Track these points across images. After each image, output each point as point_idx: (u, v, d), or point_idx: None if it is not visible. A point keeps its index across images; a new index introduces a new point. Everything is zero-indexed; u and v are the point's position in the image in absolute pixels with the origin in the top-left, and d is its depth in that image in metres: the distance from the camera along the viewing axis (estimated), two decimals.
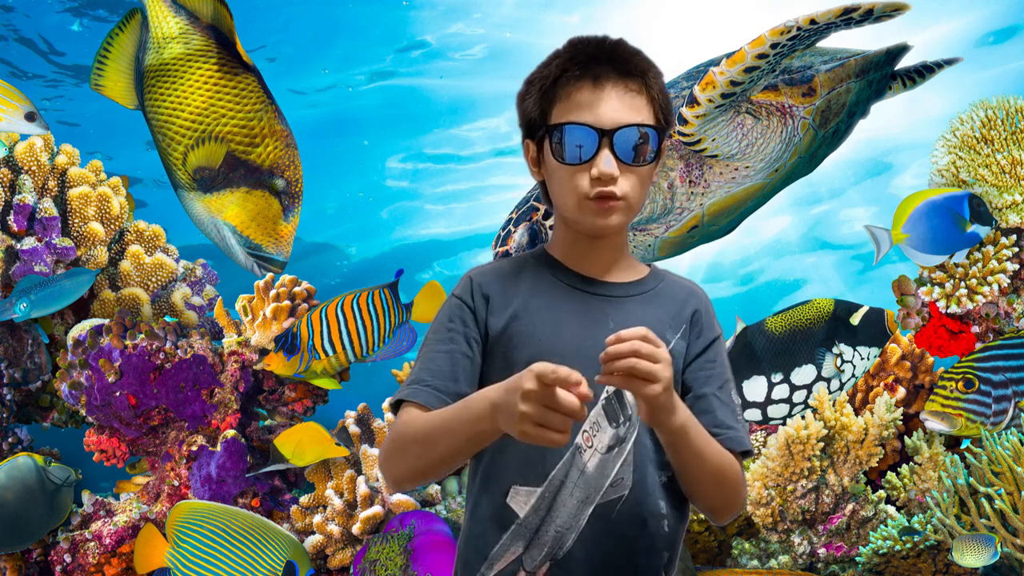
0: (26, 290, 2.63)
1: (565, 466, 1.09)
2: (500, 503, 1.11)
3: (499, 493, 1.11)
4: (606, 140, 1.09)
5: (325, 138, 8.59)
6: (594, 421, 1.10)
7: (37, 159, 2.91)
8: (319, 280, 3.16)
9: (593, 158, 1.09)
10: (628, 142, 1.09)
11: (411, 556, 2.29)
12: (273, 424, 2.94)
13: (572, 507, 1.09)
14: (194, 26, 2.22)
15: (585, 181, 1.10)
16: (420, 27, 7.75)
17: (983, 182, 2.47)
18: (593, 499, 1.09)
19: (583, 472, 1.09)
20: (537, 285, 1.18)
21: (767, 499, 2.61)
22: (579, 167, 1.10)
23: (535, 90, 1.14)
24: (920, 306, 2.55)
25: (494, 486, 1.12)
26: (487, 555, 1.11)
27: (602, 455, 1.09)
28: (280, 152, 2.22)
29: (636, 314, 1.15)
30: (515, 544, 1.10)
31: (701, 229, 2.50)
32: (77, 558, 2.66)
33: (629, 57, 1.12)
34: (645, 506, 1.10)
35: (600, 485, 1.09)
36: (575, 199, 1.12)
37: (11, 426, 2.93)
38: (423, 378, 1.13)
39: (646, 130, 1.11)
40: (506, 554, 1.11)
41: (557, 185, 1.14)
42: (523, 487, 1.10)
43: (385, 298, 2.67)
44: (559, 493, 1.09)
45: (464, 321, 1.16)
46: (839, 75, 2.40)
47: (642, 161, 1.11)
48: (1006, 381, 2.19)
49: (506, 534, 1.11)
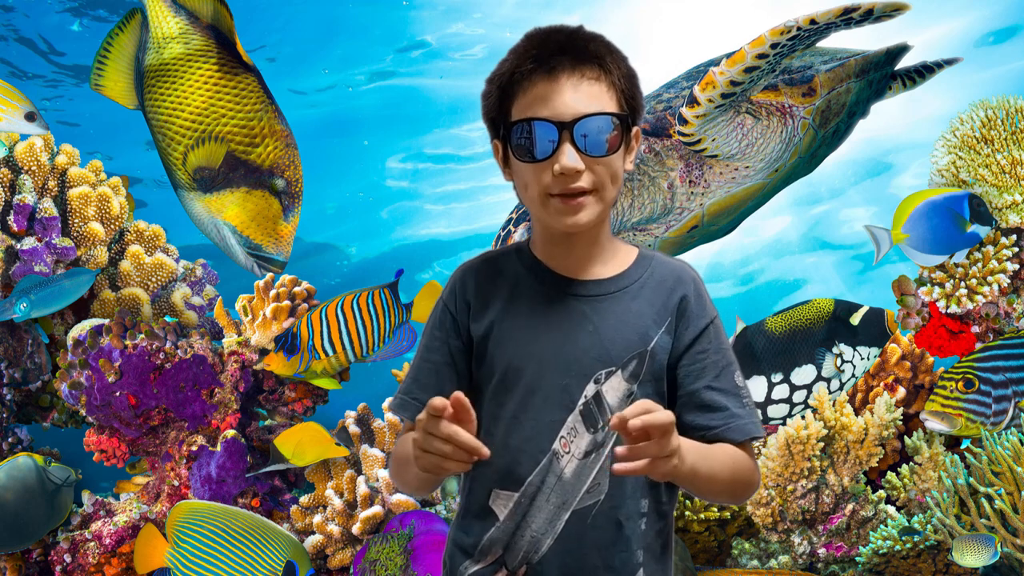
0: (26, 290, 2.63)
1: (542, 472, 1.09)
2: (483, 504, 1.13)
3: (482, 495, 1.13)
4: (566, 133, 1.03)
5: (325, 138, 8.59)
6: (571, 427, 1.09)
7: (37, 159, 2.91)
8: (319, 280, 3.15)
9: (554, 153, 1.04)
10: (590, 132, 1.04)
11: (411, 556, 2.29)
12: (273, 424, 2.94)
13: (548, 512, 1.09)
14: (194, 26, 2.22)
15: (548, 178, 1.05)
16: (420, 27, 7.75)
17: (983, 182, 2.47)
18: (570, 504, 1.09)
19: (560, 477, 1.09)
20: (517, 287, 1.15)
21: (767, 499, 2.61)
22: (541, 164, 1.05)
23: (494, 88, 1.10)
24: (920, 306, 2.55)
25: (478, 488, 1.14)
26: (471, 554, 1.14)
27: (579, 460, 1.09)
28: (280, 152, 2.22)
29: (615, 313, 1.12)
30: (495, 545, 1.12)
31: (701, 229, 2.50)
32: (77, 558, 2.66)
33: (584, 44, 1.07)
34: (622, 509, 1.10)
35: (577, 490, 1.09)
36: (540, 198, 1.07)
37: (11, 426, 2.93)
38: (412, 390, 1.17)
39: (607, 118, 1.05)
40: (488, 555, 1.13)
41: (522, 185, 1.10)
42: (503, 491, 1.11)
43: (385, 298, 2.67)
44: (535, 498, 1.10)
45: (447, 330, 1.17)
46: (839, 75, 2.40)
47: (608, 151, 1.05)
48: (1006, 381, 2.19)
49: (485, 536, 1.13)
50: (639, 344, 1.10)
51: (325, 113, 8.36)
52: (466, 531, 1.15)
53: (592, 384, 1.09)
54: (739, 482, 1.11)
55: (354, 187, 9.80)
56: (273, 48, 7.43)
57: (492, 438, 1.11)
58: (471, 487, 1.16)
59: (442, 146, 9.30)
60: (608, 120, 1.05)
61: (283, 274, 2.79)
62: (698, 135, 2.28)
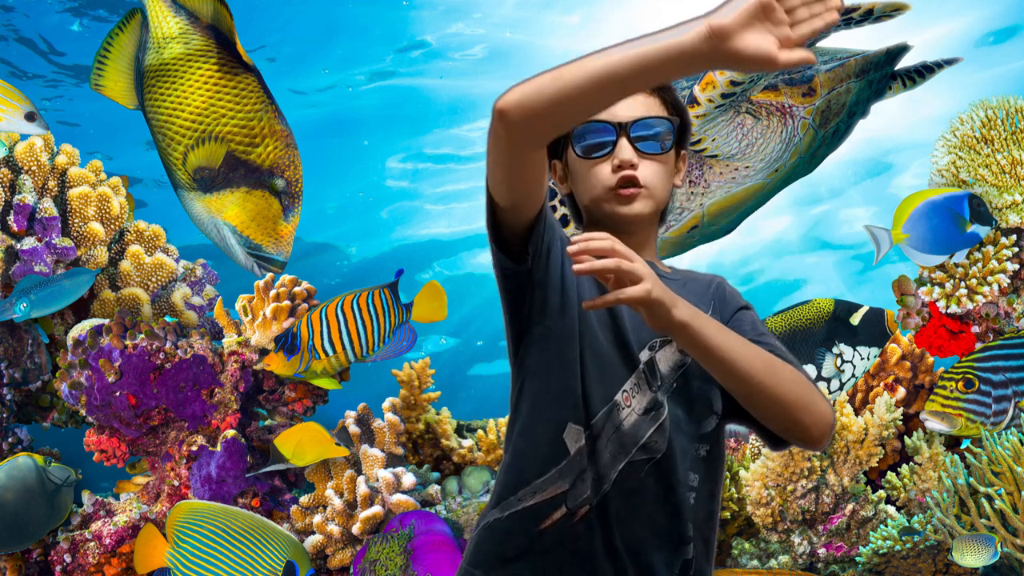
0: (26, 290, 2.62)
1: (603, 418, 1.12)
2: (551, 437, 1.13)
3: (552, 426, 1.13)
4: (623, 132, 1.18)
5: (325, 138, 8.59)
6: (635, 383, 1.14)
7: (37, 159, 2.91)
8: (319, 280, 3.15)
9: (613, 150, 1.18)
10: (644, 132, 1.18)
11: (411, 556, 2.29)
12: (273, 424, 2.94)
13: (607, 459, 1.12)
14: (194, 26, 2.22)
15: (607, 171, 1.19)
16: (420, 27, 7.75)
17: (983, 182, 2.47)
18: (625, 454, 1.12)
19: (618, 428, 1.12)
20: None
21: (767, 499, 2.61)
22: (600, 160, 1.19)
23: None
24: (920, 306, 2.55)
25: (548, 419, 1.14)
26: (530, 480, 1.13)
27: (638, 416, 1.13)
28: (280, 152, 2.22)
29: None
30: (562, 479, 1.12)
31: (701, 229, 2.50)
32: (77, 558, 2.66)
33: None
34: (674, 474, 1.12)
35: (633, 444, 1.12)
36: (599, 191, 1.19)
37: (11, 426, 2.93)
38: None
39: (659, 119, 1.19)
40: (551, 487, 1.12)
41: (582, 183, 1.22)
42: (575, 425, 1.13)
43: (385, 298, 2.67)
44: (596, 442, 1.12)
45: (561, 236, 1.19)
46: (839, 75, 2.40)
47: (660, 149, 1.19)
48: (1006, 381, 2.19)
49: (555, 467, 1.12)
50: None
51: (325, 113, 8.36)
52: (530, 458, 1.14)
53: (647, 351, 1.16)
54: (779, 375, 1.06)
55: (354, 187, 9.80)
56: (273, 48, 7.43)
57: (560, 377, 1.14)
58: (539, 417, 1.15)
59: (442, 146, 9.30)
60: (660, 122, 1.20)
61: (283, 274, 2.78)
62: (698, 135, 2.28)
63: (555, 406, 1.14)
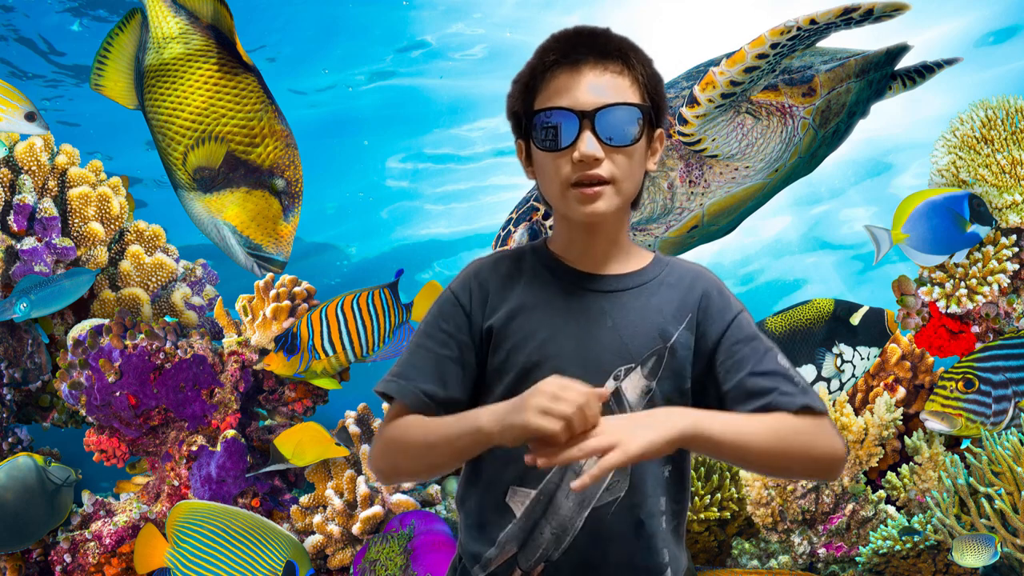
0: (26, 290, 2.63)
1: (561, 469, 1.08)
2: (498, 501, 1.10)
3: (498, 492, 1.10)
4: (586, 122, 1.03)
5: (325, 138, 8.59)
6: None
7: (37, 159, 2.91)
8: (319, 280, 3.16)
9: (575, 142, 1.04)
10: (611, 122, 1.04)
11: (411, 556, 2.29)
12: (273, 424, 2.94)
13: (568, 510, 1.08)
14: (194, 26, 2.22)
15: (568, 167, 1.05)
16: (420, 27, 7.75)
17: (983, 182, 2.47)
18: (589, 502, 1.07)
19: (579, 474, 1.06)
20: (533, 283, 1.13)
21: (767, 499, 2.61)
22: (561, 153, 1.05)
23: (518, 84, 1.11)
24: (920, 306, 2.55)
25: (493, 487, 1.11)
26: (483, 552, 1.11)
27: (599, 457, 1.08)
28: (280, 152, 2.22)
29: (635, 309, 1.10)
30: (510, 544, 1.09)
31: (701, 229, 2.50)
32: (77, 558, 2.66)
33: (608, 39, 1.09)
34: (643, 507, 1.08)
35: (597, 488, 1.07)
36: (559, 187, 1.06)
37: (11, 426, 2.93)
38: (410, 375, 1.11)
39: (629, 108, 1.05)
40: (501, 552, 1.10)
41: (542, 176, 1.09)
42: (521, 488, 1.09)
43: (385, 298, 2.67)
44: (555, 496, 1.08)
45: (456, 324, 1.12)
46: (839, 75, 2.40)
47: (628, 141, 1.05)
48: (1006, 381, 2.19)
49: (502, 533, 1.10)
50: (658, 340, 1.09)
51: (325, 113, 8.36)
52: (478, 533, 1.12)
53: (612, 380, 1.07)
54: (789, 446, 1.03)
55: (354, 187, 9.80)
56: (273, 48, 7.43)
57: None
58: (485, 486, 1.12)
59: (442, 146, 9.31)
60: (629, 111, 1.05)
61: (283, 274, 2.79)
62: (698, 135, 2.28)
63: (498, 466, 1.10)
